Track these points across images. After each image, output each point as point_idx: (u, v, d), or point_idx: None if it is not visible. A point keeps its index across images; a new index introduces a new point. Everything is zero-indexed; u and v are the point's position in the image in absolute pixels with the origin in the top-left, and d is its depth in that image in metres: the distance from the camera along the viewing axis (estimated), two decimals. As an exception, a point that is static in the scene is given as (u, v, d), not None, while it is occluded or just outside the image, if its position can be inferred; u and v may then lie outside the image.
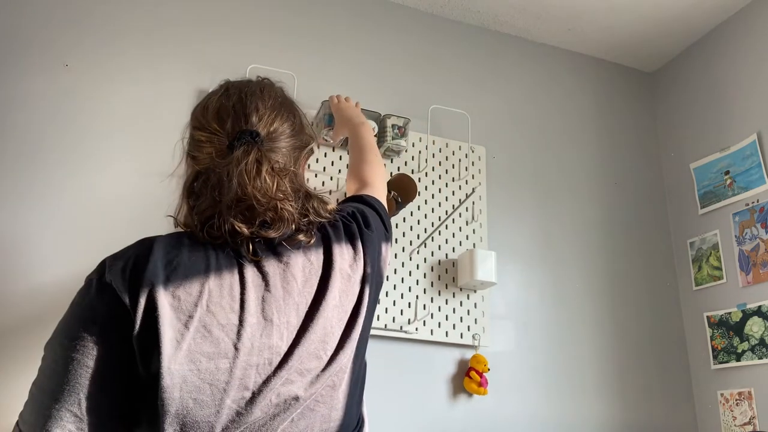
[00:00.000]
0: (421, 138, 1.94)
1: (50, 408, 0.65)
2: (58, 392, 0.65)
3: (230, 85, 0.87)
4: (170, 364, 0.66)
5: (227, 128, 0.80)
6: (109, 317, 0.68)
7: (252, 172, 0.75)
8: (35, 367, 0.70)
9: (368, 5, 2.10)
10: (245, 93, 0.84)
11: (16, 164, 1.55)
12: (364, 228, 0.88)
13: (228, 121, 0.81)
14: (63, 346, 0.67)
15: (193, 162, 0.83)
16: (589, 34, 2.26)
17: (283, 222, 0.77)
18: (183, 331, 0.68)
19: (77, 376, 0.66)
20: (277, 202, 0.76)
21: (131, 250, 0.74)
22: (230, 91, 0.85)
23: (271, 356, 0.72)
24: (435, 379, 1.74)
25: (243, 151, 0.77)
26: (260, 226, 0.76)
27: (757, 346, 1.82)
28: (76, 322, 0.68)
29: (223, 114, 0.82)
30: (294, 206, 0.78)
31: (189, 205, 0.80)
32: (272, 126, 0.82)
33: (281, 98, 0.88)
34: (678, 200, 2.22)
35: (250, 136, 0.79)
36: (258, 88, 0.86)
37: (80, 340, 0.67)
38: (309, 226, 0.81)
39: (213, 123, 0.81)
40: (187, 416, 0.67)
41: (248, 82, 0.88)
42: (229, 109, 0.82)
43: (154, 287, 0.68)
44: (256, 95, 0.84)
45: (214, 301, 0.71)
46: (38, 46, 1.67)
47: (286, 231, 0.78)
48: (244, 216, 0.75)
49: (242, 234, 0.75)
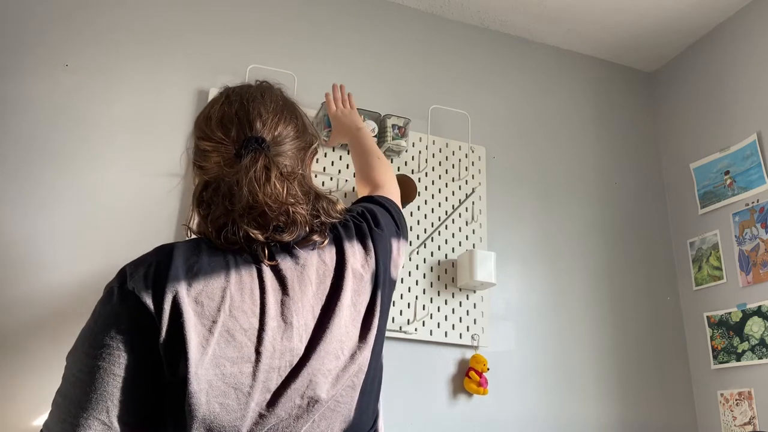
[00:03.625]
0: (421, 138, 1.94)
1: (78, 417, 0.65)
2: (85, 401, 0.65)
3: (230, 91, 0.87)
4: (197, 369, 0.67)
5: (232, 136, 0.81)
6: (134, 325, 0.68)
7: (261, 179, 0.76)
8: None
9: (368, 5, 2.10)
10: (246, 99, 0.84)
11: (16, 164, 1.55)
12: (374, 227, 0.89)
13: (232, 129, 0.81)
14: (88, 354, 0.67)
15: (200, 171, 0.83)
16: (589, 34, 2.26)
17: (296, 225, 0.77)
18: (208, 337, 0.69)
19: (104, 385, 0.66)
20: (288, 207, 0.76)
21: (151, 256, 0.74)
22: (231, 98, 0.85)
23: (292, 358, 0.73)
24: (434, 379, 1.74)
25: (251, 159, 0.77)
26: (274, 230, 0.77)
27: (757, 346, 1.82)
28: (100, 331, 0.68)
29: (227, 122, 0.82)
30: (305, 208, 0.79)
31: (201, 214, 0.80)
32: (276, 130, 0.83)
33: (282, 101, 0.88)
34: (678, 200, 2.22)
35: (257, 142, 0.79)
36: (259, 92, 0.87)
37: (106, 348, 0.67)
38: (322, 226, 0.81)
39: (218, 132, 0.82)
40: (213, 421, 0.67)
41: (248, 87, 0.88)
42: (233, 116, 0.82)
43: (177, 293, 0.69)
44: (258, 100, 0.84)
45: (236, 305, 0.72)
46: (38, 47, 1.67)
47: (300, 233, 0.78)
48: (257, 222, 0.76)
49: (257, 240, 0.75)
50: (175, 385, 0.67)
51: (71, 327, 1.45)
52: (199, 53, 1.82)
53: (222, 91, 0.89)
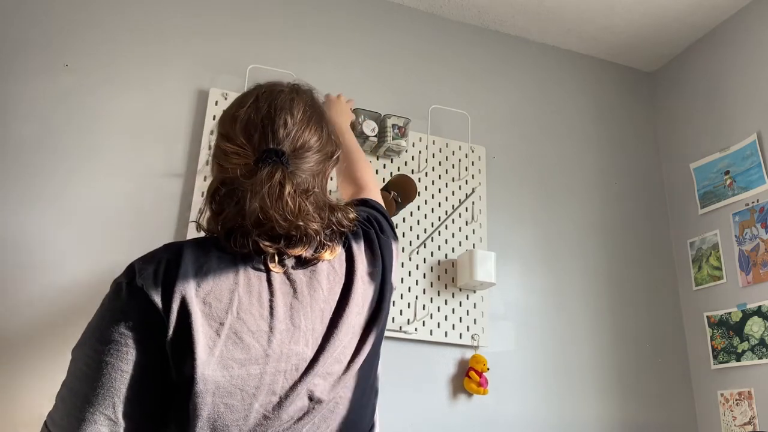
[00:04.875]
0: (421, 138, 1.94)
1: (84, 411, 0.65)
2: (91, 395, 0.66)
3: (261, 94, 0.86)
4: (204, 369, 0.67)
5: (254, 143, 0.80)
6: (142, 321, 0.68)
7: (274, 195, 0.75)
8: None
9: (368, 5, 2.10)
10: (275, 107, 0.83)
11: (16, 164, 1.55)
12: (380, 233, 0.91)
13: (255, 136, 0.80)
14: (96, 350, 0.67)
15: (219, 169, 0.83)
16: (589, 34, 2.26)
17: (308, 238, 0.77)
18: (215, 338, 0.69)
19: (111, 380, 0.66)
20: (299, 223, 0.76)
21: (160, 254, 0.74)
22: (260, 104, 0.84)
23: (298, 362, 0.74)
24: (434, 379, 1.74)
25: (267, 173, 0.76)
26: (286, 244, 0.76)
27: (757, 346, 1.82)
28: (107, 326, 0.68)
29: (251, 129, 0.81)
30: (319, 224, 0.78)
31: (213, 210, 0.80)
32: (299, 141, 0.82)
33: (311, 110, 0.87)
34: (678, 200, 2.22)
35: (276, 155, 0.78)
36: (288, 99, 0.85)
37: (113, 343, 0.67)
38: (332, 237, 0.81)
39: (240, 137, 0.81)
40: (217, 420, 0.68)
41: (279, 92, 0.86)
42: (258, 123, 0.81)
43: (186, 293, 0.69)
44: (285, 109, 0.83)
45: (244, 308, 0.72)
46: (38, 47, 1.67)
47: (312, 247, 0.79)
48: (268, 235, 0.76)
49: (267, 252, 0.76)
50: (180, 384, 0.68)
51: (73, 325, 1.45)
52: (199, 53, 1.82)
53: (252, 90, 0.87)
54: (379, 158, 1.87)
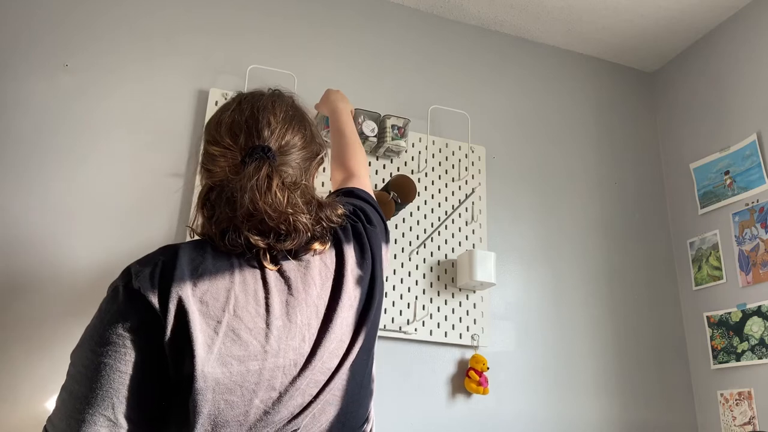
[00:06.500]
0: (421, 138, 1.94)
1: (83, 413, 0.66)
2: (91, 397, 0.66)
3: (243, 98, 0.89)
4: (203, 366, 0.68)
5: (240, 143, 0.83)
6: (139, 323, 0.69)
7: (263, 187, 0.77)
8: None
9: (368, 5, 2.10)
10: (257, 107, 0.86)
11: (16, 164, 1.56)
12: (367, 225, 0.92)
13: (241, 136, 0.83)
14: (94, 351, 0.68)
15: (208, 174, 0.86)
16: (589, 34, 2.26)
17: (298, 233, 0.79)
18: (213, 336, 0.70)
19: (110, 381, 0.67)
20: (288, 216, 0.78)
21: (156, 256, 0.75)
22: (243, 106, 0.87)
23: (296, 357, 0.75)
24: (434, 379, 1.74)
25: (254, 167, 0.79)
26: (276, 238, 0.78)
27: (756, 346, 1.82)
28: (106, 328, 0.69)
29: (236, 129, 0.84)
30: (307, 217, 0.80)
31: (205, 215, 0.82)
32: (284, 140, 0.85)
33: (293, 110, 0.90)
34: (678, 200, 2.22)
35: (262, 151, 0.81)
36: (270, 101, 0.88)
37: (112, 345, 0.68)
38: (323, 231, 0.83)
39: (226, 138, 0.84)
40: (218, 416, 0.69)
41: (260, 95, 0.90)
42: (242, 124, 0.84)
43: (183, 293, 0.70)
44: (268, 109, 0.86)
45: (241, 306, 0.73)
46: (39, 47, 1.67)
47: (301, 240, 0.80)
48: (258, 229, 0.77)
49: (258, 246, 0.77)
50: (179, 383, 0.69)
51: (72, 326, 1.46)
52: (199, 53, 1.82)
53: (235, 97, 0.91)
54: (378, 158, 1.87)
